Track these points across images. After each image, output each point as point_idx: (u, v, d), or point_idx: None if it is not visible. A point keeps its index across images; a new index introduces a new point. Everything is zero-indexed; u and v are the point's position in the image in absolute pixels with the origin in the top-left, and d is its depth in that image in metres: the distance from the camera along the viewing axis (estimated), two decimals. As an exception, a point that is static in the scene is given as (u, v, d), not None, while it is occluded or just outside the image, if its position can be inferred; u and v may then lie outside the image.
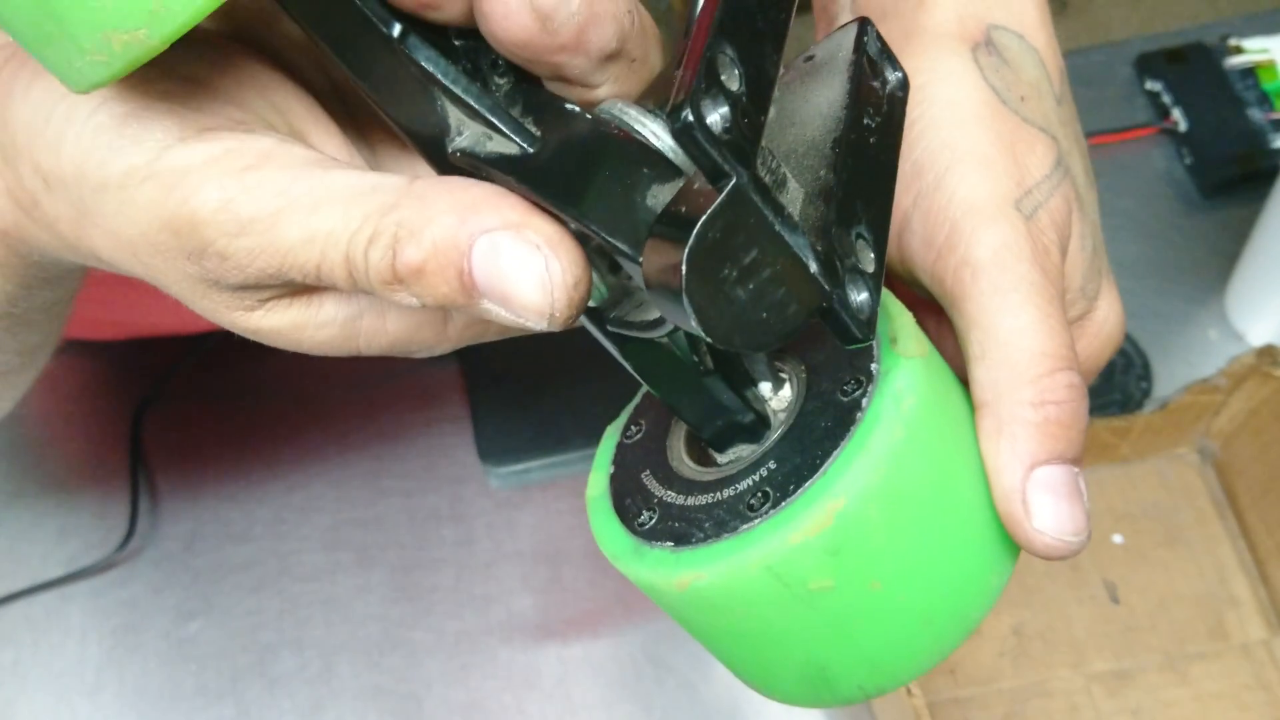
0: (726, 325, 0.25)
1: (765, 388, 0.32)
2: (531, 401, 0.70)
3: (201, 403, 0.72)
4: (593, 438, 0.35)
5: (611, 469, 0.34)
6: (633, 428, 0.35)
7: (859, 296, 0.27)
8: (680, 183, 0.26)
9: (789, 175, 0.27)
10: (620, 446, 0.35)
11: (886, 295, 0.32)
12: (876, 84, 0.30)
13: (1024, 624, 0.63)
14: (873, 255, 0.28)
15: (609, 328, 0.30)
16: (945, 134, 0.34)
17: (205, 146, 0.28)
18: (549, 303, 0.26)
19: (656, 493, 0.32)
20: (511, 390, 0.71)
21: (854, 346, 0.28)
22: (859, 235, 0.28)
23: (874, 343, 0.31)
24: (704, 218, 0.24)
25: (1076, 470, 0.31)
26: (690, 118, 0.23)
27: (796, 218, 0.26)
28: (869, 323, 0.28)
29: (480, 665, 0.64)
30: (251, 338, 0.30)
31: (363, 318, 0.30)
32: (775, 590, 0.29)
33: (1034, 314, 0.32)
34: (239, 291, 0.29)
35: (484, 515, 0.68)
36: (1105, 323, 0.37)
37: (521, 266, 0.26)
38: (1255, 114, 0.78)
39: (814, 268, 0.26)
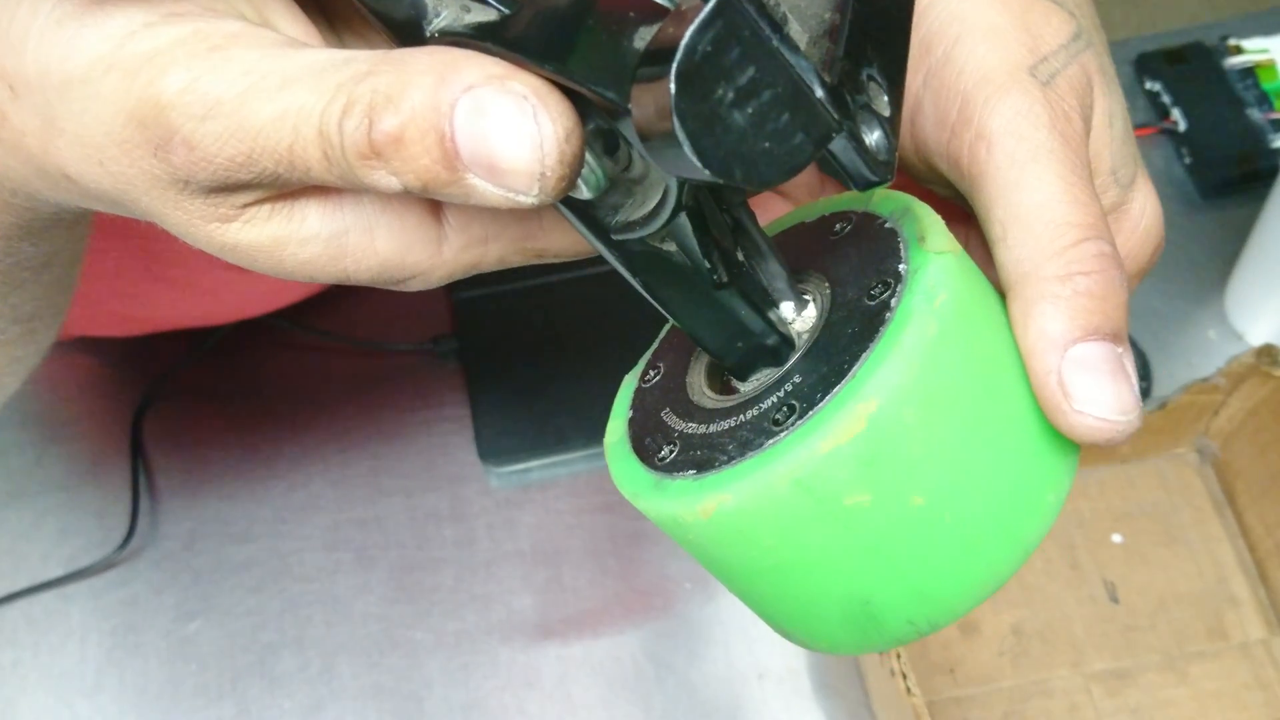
0: (724, 154, 0.23)
1: (788, 309, 0.30)
2: (531, 401, 0.70)
3: (201, 403, 0.72)
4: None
5: (630, 413, 0.32)
6: (650, 372, 0.33)
7: (873, 135, 0.26)
8: None
9: (790, 17, 0.25)
10: (638, 391, 0.33)
11: (911, 197, 0.30)
12: None
13: (1023, 623, 0.63)
14: (887, 99, 0.26)
15: (613, 237, 0.28)
16: (954, 6, 0.32)
17: (171, 29, 0.26)
18: (539, 159, 0.24)
19: (677, 427, 0.30)
20: (511, 390, 0.71)
21: (869, 190, 0.26)
22: (870, 77, 0.26)
23: (901, 243, 0.29)
24: (692, 27, 0.22)
25: (1120, 350, 0.29)
26: None
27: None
28: (886, 164, 0.26)
29: (480, 665, 0.64)
30: (231, 259, 0.29)
31: (349, 234, 0.28)
32: (807, 508, 0.27)
33: (1056, 185, 0.29)
34: (212, 195, 0.27)
35: (484, 515, 0.68)
36: (1144, 215, 0.34)
37: (507, 120, 0.24)
38: (1255, 114, 0.78)
39: (819, 93, 0.24)
